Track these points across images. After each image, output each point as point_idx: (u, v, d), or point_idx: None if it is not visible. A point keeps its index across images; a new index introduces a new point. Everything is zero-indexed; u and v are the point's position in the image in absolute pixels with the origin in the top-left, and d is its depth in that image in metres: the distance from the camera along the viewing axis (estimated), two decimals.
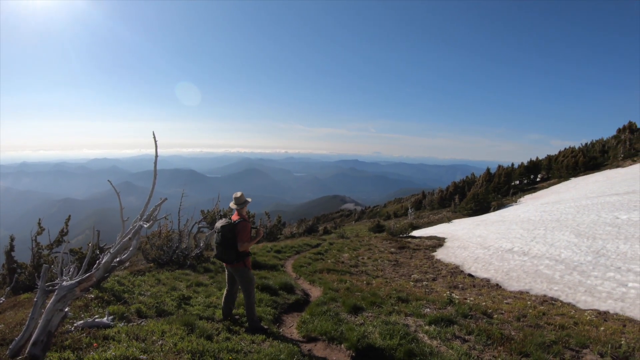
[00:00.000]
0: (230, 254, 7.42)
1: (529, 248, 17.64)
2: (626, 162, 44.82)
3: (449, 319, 8.40)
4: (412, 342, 6.98)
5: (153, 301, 8.58)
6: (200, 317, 7.83)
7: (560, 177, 52.25)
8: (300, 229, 39.58)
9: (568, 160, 52.67)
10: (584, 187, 36.65)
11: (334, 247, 23.87)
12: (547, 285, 13.12)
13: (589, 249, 15.26)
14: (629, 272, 12.17)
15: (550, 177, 56.47)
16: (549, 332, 8.01)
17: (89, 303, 7.66)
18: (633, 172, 36.58)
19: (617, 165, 45.33)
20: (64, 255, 10.12)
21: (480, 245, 20.96)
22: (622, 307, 10.35)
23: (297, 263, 16.87)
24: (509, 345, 6.95)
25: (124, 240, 6.70)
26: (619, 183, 31.28)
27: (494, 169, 59.70)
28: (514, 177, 58.87)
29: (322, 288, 12.22)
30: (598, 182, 36.97)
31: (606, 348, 7.08)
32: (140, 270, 12.03)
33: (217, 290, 10.56)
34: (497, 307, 10.37)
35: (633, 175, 33.65)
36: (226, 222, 7.50)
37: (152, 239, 13.94)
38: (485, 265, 17.07)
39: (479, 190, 47.27)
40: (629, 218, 17.71)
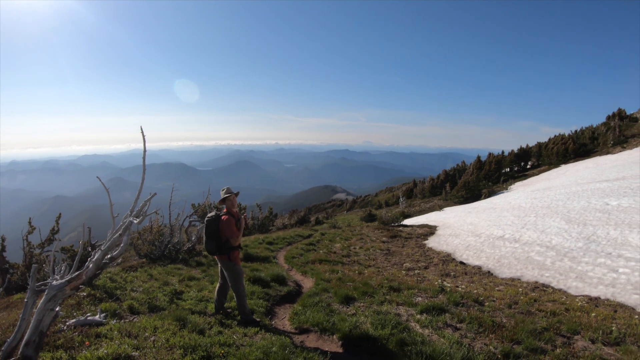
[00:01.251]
0: (211, 245, 7.54)
1: (520, 235, 17.70)
2: (616, 148, 45.00)
3: (441, 307, 8.44)
4: (404, 332, 7.01)
5: (145, 297, 8.58)
6: (193, 312, 7.83)
7: (550, 164, 52.40)
8: (292, 220, 39.57)
9: (558, 147, 52.82)
10: (574, 174, 36.78)
11: (326, 237, 23.87)
12: (539, 271, 13.17)
13: (579, 235, 15.32)
14: (620, 258, 12.23)
15: (541, 164, 56.63)
16: (540, 319, 8.04)
17: (81, 301, 7.64)
18: (623, 158, 36.73)
19: (607, 152, 45.51)
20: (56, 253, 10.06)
21: (471, 233, 21.02)
22: (613, 292, 10.40)
23: (289, 254, 16.87)
24: (500, 333, 6.98)
25: (114, 236, 6.66)
26: (609, 169, 31.41)
27: (484, 157, 59.76)
28: (505, 164, 59.00)
29: (314, 279, 12.24)
30: (588, 169, 37.11)
31: (597, 334, 7.12)
32: (132, 266, 12.00)
33: (209, 284, 10.57)
34: (488, 295, 10.40)
35: (623, 162, 33.80)
36: (212, 215, 7.55)
37: (144, 234, 13.88)
38: (476, 252, 17.11)
39: (470, 178, 47.37)
40: (619, 204, 17.79)
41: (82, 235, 8.88)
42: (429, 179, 66.73)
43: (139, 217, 7.08)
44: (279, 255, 17.13)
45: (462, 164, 65.90)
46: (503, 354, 6.22)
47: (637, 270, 11.10)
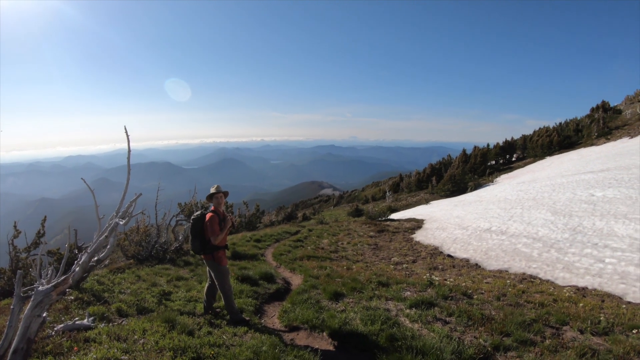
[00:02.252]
0: (196, 244, 7.51)
1: (507, 227, 17.79)
2: (600, 140, 45.35)
3: (430, 301, 8.45)
4: (394, 327, 7.00)
5: (133, 299, 8.51)
6: (182, 313, 7.79)
7: (535, 156, 52.73)
8: (279, 216, 39.52)
9: (543, 140, 53.15)
10: (559, 166, 37.01)
11: (314, 233, 23.86)
12: (526, 263, 13.25)
13: (565, 226, 15.42)
14: (606, 248, 12.32)
15: (526, 157, 56.98)
16: (529, 311, 8.07)
17: (68, 305, 7.57)
18: (607, 150, 37.00)
19: (591, 144, 45.85)
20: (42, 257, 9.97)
21: (458, 226, 21.10)
22: (600, 282, 10.49)
23: (277, 251, 16.84)
24: (489, 326, 6.99)
25: (100, 238, 6.60)
26: (594, 161, 31.62)
27: (469, 150, 59.98)
28: (490, 157, 59.25)
29: (302, 276, 12.21)
30: (573, 161, 37.34)
31: (586, 324, 7.16)
32: (119, 268, 11.91)
33: (198, 284, 10.52)
34: (477, 287, 10.43)
35: (607, 153, 34.04)
36: (198, 214, 7.52)
37: (131, 235, 13.79)
38: (464, 245, 17.18)
39: (456, 171, 47.53)
40: (604, 195, 17.91)
41: (68, 237, 8.80)
42: (415, 173, 66.93)
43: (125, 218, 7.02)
44: (266, 253, 17.07)
45: (448, 158, 66.16)
46: (493, 346, 6.24)
47: (624, 260, 11.20)
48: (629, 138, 39.69)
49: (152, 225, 14.69)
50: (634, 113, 50.44)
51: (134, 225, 14.28)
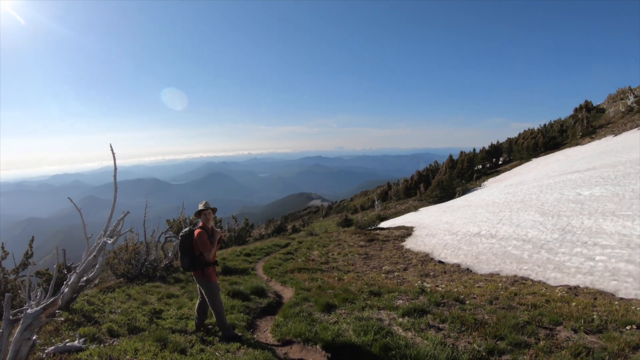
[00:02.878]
0: (185, 261, 7.41)
1: (496, 230, 17.82)
2: (585, 139, 45.77)
3: (422, 308, 8.39)
4: (387, 336, 6.94)
5: (124, 318, 8.40)
6: (173, 331, 7.69)
7: (521, 159, 53.12)
8: (268, 229, 39.47)
9: (528, 142, 53.57)
10: (545, 167, 37.26)
11: (304, 245, 23.82)
12: (517, 265, 13.25)
13: (554, 226, 15.45)
14: (596, 246, 12.35)
15: (512, 159, 57.36)
16: (521, 313, 8.04)
17: (59, 327, 7.45)
18: (592, 149, 37.32)
19: (576, 144, 46.26)
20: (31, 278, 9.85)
21: (448, 232, 21.11)
22: (591, 280, 10.49)
23: (267, 265, 16.76)
24: (483, 330, 6.95)
25: (89, 258, 6.54)
26: (579, 160, 31.85)
27: (456, 155, 60.29)
28: (477, 161, 59.59)
29: (294, 288, 12.15)
30: (559, 161, 37.61)
31: (579, 323, 7.13)
32: (109, 287, 11.79)
33: (189, 301, 10.42)
34: (469, 292, 10.40)
35: (592, 152, 34.32)
36: (187, 230, 7.43)
37: (120, 254, 13.68)
38: (454, 250, 17.18)
39: (443, 177, 47.71)
40: (591, 194, 18.00)
41: (57, 257, 8.72)
42: (403, 181, 67.13)
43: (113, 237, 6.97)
44: (257, 267, 16.99)
45: (435, 164, 66.46)
46: (487, 351, 6.20)
47: (614, 256, 11.23)
48: (614, 136, 40.07)
49: (141, 242, 14.59)
50: (617, 111, 50.96)
51: (122, 243, 14.18)
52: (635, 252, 11.00)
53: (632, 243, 11.65)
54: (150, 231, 14.96)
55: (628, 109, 48.81)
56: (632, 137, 34.99)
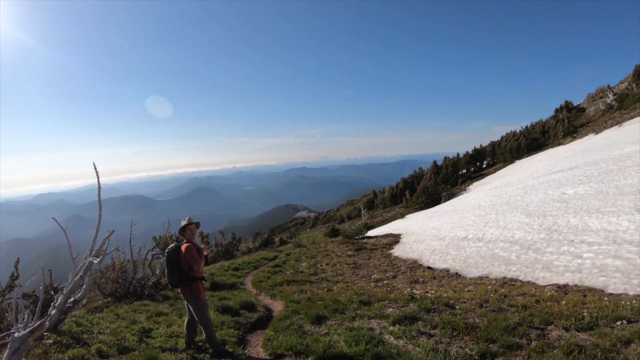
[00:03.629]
0: (173, 277, 7.28)
1: (483, 233, 17.85)
2: (566, 139, 46.16)
3: (413, 316, 8.37)
4: (379, 345, 6.88)
5: (113, 338, 8.26)
6: (163, 349, 7.58)
7: (505, 161, 53.48)
8: (256, 243, 39.33)
9: (511, 144, 53.97)
10: (529, 168, 37.51)
11: (292, 257, 23.79)
12: (505, 267, 13.26)
13: (540, 226, 15.50)
14: (582, 244, 12.39)
15: (496, 162, 57.73)
16: (512, 314, 8.03)
17: (47, 349, 7.31)
18: (574, 148, 37.61)
19: (558, 144, 46.64)
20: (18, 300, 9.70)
21: (435, 237, 21.12)
22: (580, 277, 10.51)
23: (256, 278, 16.67)
24: (474, 334, 6.92)
25: (75, 278, 6.44)
26: (562, 160, 32.07)
27: (440, 161, 60.59)
28: (461, 166, 59.94)
29: (283, 301, 12.07)
30: (542, 162, 37.88)
31: (570, 321, 7.12)
32: (97, 307, 11.66)
33: (178, 318, 10.30)
34: (459, 297, 10.38)
35: (574, 151, 34.59)
36: (172, 246, 7.32)
37: (107, 273, 13.54)
38: (442, 256, 17.18)
39: (428, 183, 47.90)
40: (575, 192, 18.09)
41: (43, 278, 8.57)
42: (389, 188, 67.29)
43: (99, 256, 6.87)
44: (246, 281, 16.89)
45: (420, 170, 66.71)
46: (479, 354, 6.16)
47: (601, 253, 11.26)
48: (595, 134, 40.41)
49: (128, 261, 14.46)
50: (597, 109, 51.46)
51: (109, 262, 14.04)
52: (622, 248, 11.04)
53: (619, 239, 11.70)
54: (136, 249, 14.82)
55: (608, 107, 49.32)
56: (613, 134, 35.31)
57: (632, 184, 15.88)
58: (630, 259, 10.34)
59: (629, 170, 18.13)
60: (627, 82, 53.16)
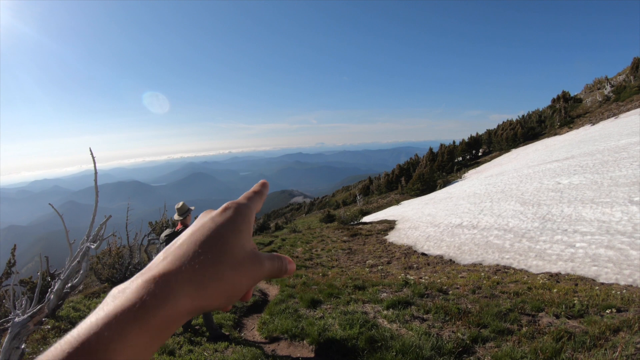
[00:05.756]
0: None
1: (478, 221, 17.95)
2: (563, 129, 46.27)
3: (406, 300, 8.45)
4: (372, 329, 6.97)
5: None
6: None
7: (501, 150, 53.56)
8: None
9: (507, 133, 54.03)
10: (524, 157, 37.57)
11: (287, 242, 23.83)
12: (499, 254, 13.37)
13: (534, 215, 15.61)
14: (576, 233, 12.51)
15: (492, 151, 57.79)
16: (504, 301, 8.12)
17: (46, 335, 7.40)
18: (570, 138, 37.68)
19: (554, 134, 46.73)
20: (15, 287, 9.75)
21: (430, 224, 21.21)
22: (572, 267, 10.62)
23: None
24: (466, 319, 7.01)
25: (73, 264, 6.49)
26: (558, 150, 32.16)
27: (436, 148, 60.62)
28: (457, 154, 59.98)
29: (279, 286, 12.12)
30: (538, 151, 37.95)
31: (561, 309, 7.22)
32: (94, 292, 11.73)
33: None
34: (452, 283, 10.49)
35: (570, 141, 34.68)
36: (170, 232, 7.38)
37: (103, 258, 13.58)
38: (437, 242, 17.27)
39: (424, 170, 47.93)
40: (570, 182, 18.19)
41: (40, 265, 8.63)
42: (384, 175, 67.27)
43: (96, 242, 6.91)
44: None
45: (416, 157, 66.73)
46: (471, 339, 6.25)
47: (594, 243, 11.37)
48: (591, 125, 40.51)
49: (124, 246, 14.50)
50: (594, 101, 51.55)
51: (106, 247, 14.08)
52: (615, 238, 11.15)
53: (612, 229, 11.81)
54: (132, 234, 14.86)
55: (605, 98, 49.40)
56: (609, 125, 35.39)
57: (627, 175, 15.99)
58: (623, 249, 10.46)
59: (624, 162, 18.23)
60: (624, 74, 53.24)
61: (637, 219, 11.89)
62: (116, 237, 14.45)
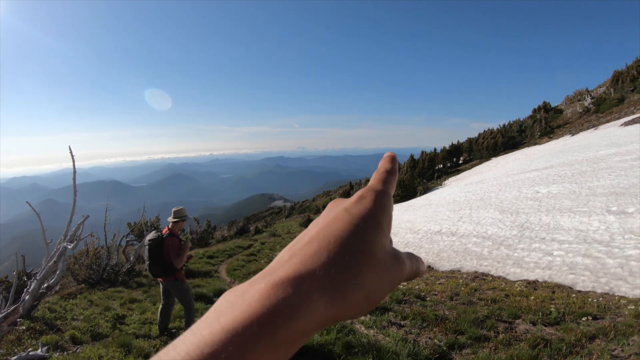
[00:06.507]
0: (158, 268, 7.16)
1: (457, 228, 18.00)
2: (543, 139, 46.69)
3: (384, 306, 8.45)
4: (349, 335, 6.93)
5: (87, 325, 8.20)
6: (137, 336, 7.55)
7: (481, 158, 53.87)
8: (231, 231, 39.19)
9: (488, 142, 54.38)
10: (504, 166, 37.82)
11: (266, 246, 23.80)
12: (477, 261, 13.40)
13: (513, 223, 15.69)
14: (553, 242, 12.58)
15: (472, 159, 58.11)
16: (481, 308, 8.15)
17: (21, 336, 7.25)
18: (550, 148, 38.02)
19: (534, 143, 47.13)
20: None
21: (409, 230, 21.24)
22: (549, 274, 10.67)
23: (230, 267, 16.64)
24: (444, 326, 7.01)
25: (49, 264, 6.38)
26: (537, 159, 32.42)
27: (417, 155, 60.81)
28: (438, 161, 60.23)
29: None
30: (518, 160, 38.22)
31: (537, 316, 7.25)
32: (71, 293, 11.55)
33: (152, 305, 10.26)
34: (430, 289, 10.50)
35: (550, 151, 34.98)
36: (155, 236, 7.24)
37: (80, 259, 13.38)
38: (416, 249, 17.28)
39: (405, 177, 48.05)
40: (548, 191, 18.32)
41: (16, 264, 8.48)
42: (365, 181, 67.40)
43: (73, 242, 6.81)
44: (220, 269, 16.84)
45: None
46: (448, 345, 6.25)
47: (571, 251, 11.44)
48: (571, 135, 40.92)
49: (102, 247, 14.32)
50: (575, 112, 52.17)
51: (83, 248, 13.89)
52: (592, 247, 11.23)
53: (589, 238, 11.89)
54: (111, 235, 14.70)
55: (585, 109, 50.02)
56: (589, 136, 35.76)
57: (605, 185, 16.13)
58: (600, 258, 10.53)
59: (602, 172, 18.40)
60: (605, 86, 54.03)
61: (614, 228, 11.99)
62: (94, 237, 14.26)
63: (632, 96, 46.26)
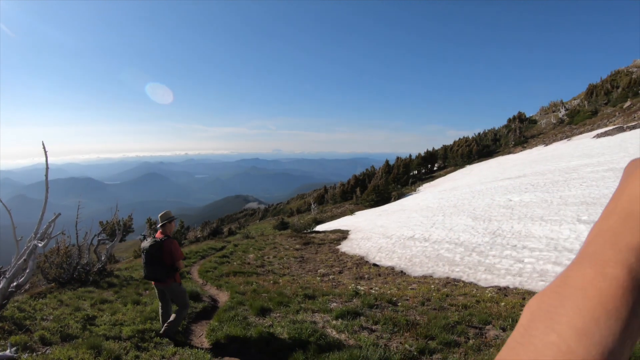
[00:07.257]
0: (161, 273, 7.20)
1: (430, 234, 18.10)
2: (517, 148, 47.35)
3: (355, 311, 8.44)
4: (321, 339, 6.92)
5: (57, 325, 8.05)
6: (107, 338, 7.43)
7: (456, 165, 54.39)
8: (204, 232, 39.00)
9: (463, 149, 54.91)
10: (478, 174, 38.20)
11: (239, 248, 23.63)
12: (449, 267, 13.49)
13: (485, 230, 15.83)
14: (524, 249, 12.71)
15: (447, 166, 58.62)
16: (452, 313, 8.18)
17: None
18: (523, 157, 38.52)
19: (508, 152, 47.77)
20: None
21: (383, 235, 21.31)
22: (520, 281, 10.78)
23: (202, 268, 16.49)
24: (415, 331, 7.03)
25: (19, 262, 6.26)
26: (511, 168, 32.82)
27: (392, 161, 61.12)
28: (413, 167, 60.62)
29: (229, 292, 11.96)
30: (491, 168, 38.65)
31: (507, 322, 7.31)
32: (41, 293, 11.35)
33: (123, 306, 10.11)
34: (402, 294, 10.52)
35: (523, 161, 35.43)
36: (153, 241, 7.19)
37: (51, 257, 13.16)
38: (389, 254, 17.34)
39: (379, 182, 48.26)
40: (521, 200, 18.53)
41: None
42: (340, 185, 67.53)
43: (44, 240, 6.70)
44: (192, 270, 16.69)
45: (372, 169, 67.12)
46: (418, 350, 6.26)
47: (542, 259, 11.58)
48: (544, 146, 41.51)
49: (73, 245, 14.10)
50: (549, 123, 53.02)
51: (54, 246, 13.66)
52: (562, 255, 11.37)
53: (559, 246, 12.04)
54: (82, 233, 14.48)
55: (559, 121, 50.87)
56: (562, 147, 36.32)
57: (576, 195, 16.37)
58: None
59: (574, 182, 18.69)
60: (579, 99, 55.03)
61: (584, 236, 12.14)
62: (65, 235, 14.04)
63: (606, 109, 47.19)
